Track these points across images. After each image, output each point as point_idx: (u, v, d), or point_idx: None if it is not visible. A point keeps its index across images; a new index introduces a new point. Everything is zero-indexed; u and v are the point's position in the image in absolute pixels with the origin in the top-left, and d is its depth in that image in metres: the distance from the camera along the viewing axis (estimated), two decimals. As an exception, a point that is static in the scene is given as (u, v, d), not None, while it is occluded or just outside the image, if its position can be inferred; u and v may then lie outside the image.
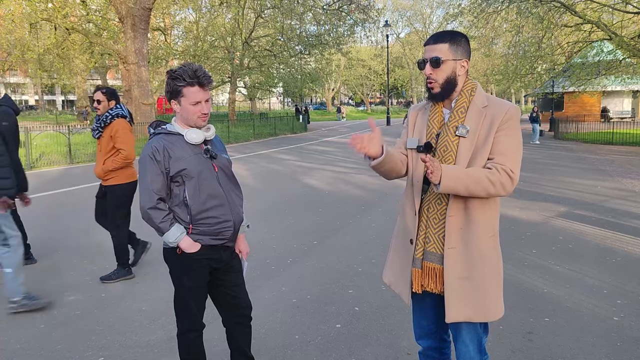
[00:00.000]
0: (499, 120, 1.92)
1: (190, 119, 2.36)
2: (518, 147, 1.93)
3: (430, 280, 2.01)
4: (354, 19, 30.10)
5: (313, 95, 66.83)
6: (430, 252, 2.00)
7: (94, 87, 59.74)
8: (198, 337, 2.52)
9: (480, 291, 1.96)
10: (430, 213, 2.00)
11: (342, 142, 22.11)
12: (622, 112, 36.04)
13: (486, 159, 1.92)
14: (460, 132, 1.94)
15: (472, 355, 2.04)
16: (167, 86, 2.35)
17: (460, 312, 1.96)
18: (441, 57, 1.96)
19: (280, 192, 9.30)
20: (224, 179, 2.45)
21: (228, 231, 2.43)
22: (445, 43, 1.96)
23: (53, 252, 5.55)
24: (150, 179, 2.31)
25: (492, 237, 1.99)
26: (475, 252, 1.94)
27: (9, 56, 29.05)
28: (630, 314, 3.71)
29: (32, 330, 3.60)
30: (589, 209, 7.37)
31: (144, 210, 2.32)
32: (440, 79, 1.97)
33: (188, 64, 2.34)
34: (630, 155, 15.30)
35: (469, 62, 2.01)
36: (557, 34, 24.05)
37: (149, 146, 2.34)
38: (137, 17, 20.26)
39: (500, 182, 1.87)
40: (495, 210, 2.01)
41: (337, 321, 3.66)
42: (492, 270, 1.99)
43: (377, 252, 5.36)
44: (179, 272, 2.44)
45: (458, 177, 1.84)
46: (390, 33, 50.26)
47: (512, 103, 1.98)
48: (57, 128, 16.73)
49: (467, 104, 1.98)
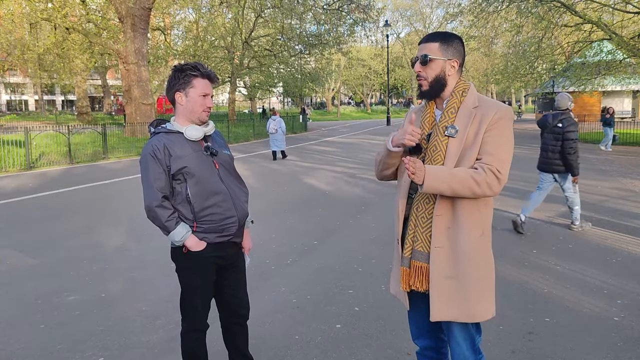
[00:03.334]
0: (488, 121, 1.93)
1: (195, 112, 2.37)
2: (507, 147, 1.94)
3: (417, 279, 2.01)
4: (354, 19, 30.09)
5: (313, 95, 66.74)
6: (418, 251, 2.01)
7: (94, 87, 59.78)
8: (201, 337, 2.52)
9: (464, 291, 1.95)
10: (419, 212, 2.01)
11: (342, 142, 22.11)
12: (622, 112, 36.03)
13: (475, 159, 1.93)
14: (449, 132, 1.96)
15: (466, 354, 2.04)
16: (174, 79, 2.36)
17: (444, 312, 1.96)
18: (430, 55, 1.99)
19: (280, 192, 9.30)
20: (225, 174, 2.46)
21: (233, 227, 2.44)
22: (435, 42, 2.00)
23: (53, 252, 5.55)
24: (154, 177, 2.31)
25: (481, 237, 1.98)
26: (461, 252, 1.94)
27: (9, 56, 29.05)
28: (630, 314, 3.71)
29: (32, 330, 3.60)
30: (589, 209, 7.37)
31: (150, 209, 2.31)
32: (429, 77, 2.01)
33: (196, 62, 2.39)
34: (630, 155, 15.30)
35: (459, 62, 2.02)
36: (557, 33, 24.05)
37: (149, 145, 2.34)
38: (137, 17, 20.25)
39: (486, 182, 1.87)
40: (486, 211, 2.01)
41: (337, 321, 3.66)
42: (479, 271, 1.97)
43: (377, 252, 5.35)
44: (186, 270, 2.44)
45: (441, 177, 1.85)
46: (390, 33, 50.26)
47: (504, 104, 2.00)
48: (57, 128, 16.71)
49: (457, 105, 2.00)
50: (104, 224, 6.85)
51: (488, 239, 2.02)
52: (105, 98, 49.61)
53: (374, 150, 18.03)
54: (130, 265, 5.06)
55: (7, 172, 12.52)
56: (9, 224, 6.90)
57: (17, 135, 15.01)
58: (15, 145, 14.36)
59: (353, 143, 21.58)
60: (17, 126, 22.27)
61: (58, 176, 11.92)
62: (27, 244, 5.87)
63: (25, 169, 13.12)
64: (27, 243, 5.90)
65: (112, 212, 7.67)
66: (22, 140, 13.79)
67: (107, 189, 9.93)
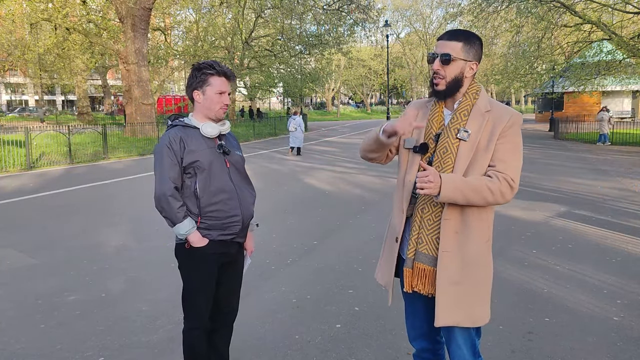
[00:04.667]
0: (501, 127, 1.91)
1: (212, 109, 2.42)
2: (519, 155, 1.92)
3: (420, 282, 1.99)
4: (353, 19, 30.10)
5: (313, 95, 66.73)
6: (422, 253, 1.98)
7: (94, 87, 59.77)
8: (202, 335, 2.53)
9: (470, 296, 1.94)
10: (424, 214, 1.98)
11: (342, 142, 22.11)
12: (622, 112, 36.03)
13: (486, 165, 1.91)
14: (462, 135, 1.92)
15: (467, 358, 2.03)
16: (192, 77, 2.43)
17: (449, 317, 1.94)
18: (452, 54, 1.93)
19: (280, 192, 9.30)
20: (235, 174, 2.50)
21: (236, 225, 2.45)
22: (459, 42, 1.94)
23: (53, 252, 5.55)
24: (168, 167, 2.36)
25: (487, 242, 1.98)
26: (468, 257, 1.93)
27: (10, 56, 29.04)
28: (630, 314, 3.71)
29: (32, 330, 3.60)
30: (589, 209, 7.37)
31: (163, 198, 2.33)
32: (448, 77, 1.95)
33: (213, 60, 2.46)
34: (630, 155, 15.30)
35: (478, 65, 1.98)
36: (557, 34, 24.05)
37: (166, 136, 2.40)
38: (137, 17, 20.26)
39: (500, 191, 1.86)
40: (491, 215, 2.00)
41: (337, 321, 3.66)
42: (484, 276, 1.97)
43: (377, 252, 5.34)
44: (189, 268, 2.46)
45: (457, 187, 1.82)
46: (390, 33, 50.25)
47: (514, 109, 1.98)
48: (57, 128, 16.71)
49: (470, 107, 1.96)
50: (104, 224, 6.86)
51: (491, 244, 2.02)
52: (105, 98, 49.64)
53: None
54: (130, 265, 5.06)
55: (7, 172, 12.52)
56: (9, 224, 6.90)
57: (17, 135, 15.02)
58: (16, 145, 14.36)
59: (353, 143, 21.58)
60: (18, 126, 22.29)
61: (58, 176, 11.92)
62: (27, 244, 5.87)
63: (26, 169, 13.12)
64: (27, 243, 5.90)
65: (112, 212, 7.67)
66: (23, 140, 13.79)
67: (107, 189, 9.93)
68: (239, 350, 3.17)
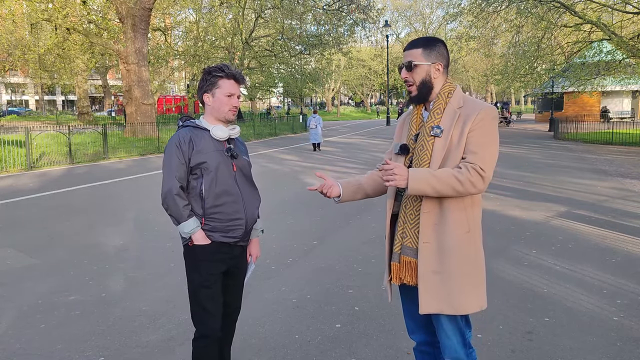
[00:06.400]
0: (471, 120, 2.00)
1: (222, 111, 2.46)
2: (491, 146, 1.99)
3: (407, 273, 2.10)
4: (353, 19, 30.11)
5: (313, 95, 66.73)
6: (407, 247, 2.10)
7: (94, 87, 59.81)
8: (209, 345, 2.44)
9: (450, 285, 2.02)
10: (407, 209, 2.09)
11: (342, 142, 22.11)
12: (622, 112, 36.03)
13: (460, 158, 2.00)
14: (435, 132, 2.03)
15: (456, 347, 2.08)
16: (202, 81, 2.47)
17: (432, 305, 2.03)
18: (414, 60, 2.08)
19: (280, 192, 9.30)
20: (241, 179, 2.51)
21: (239, 229, 2.46)
22: (418, 48, 2.09)
23: (53, 252, 5.55)
24: (175, 167, 2.39)
25: (467, 234, 2.04)
26: (447, 248, 2.01)
27: (10, 56, 29.05)
28: (630, 314, 3.71)
29: (32, 330, 3.60)
30: (589, 209, 7.38)
31: (170, 196, 2.36)
32: (416, 82, 2.09)
33: (223, 63, 2.51)
34: (630, 155, 15.30)
35: (444, 65, 2.10)
36: (557, 34, 24.05)
37: (177, 135, 2.43)
38: (137, 17, 20.26)
39: (470, 181, 1.93)
40: (473, 209, 2.07)
41: (337, 321, 3.66)
42: (465, 266, 2.04)
43: (377, 252, 5.36)
44: (196, 272, 2.44)
45: (423, 178, 1.92)
46: (390, 33, 50.24)
47: (488, 104, 2.07)
48: (58, 128, 16.72)
49: (443, 106, 2.08)
50: (104, 224, 6.86)
51: (475, 236, 2.07)
52: (105, 98, 49.65)
53: (374, 150, 18.05)
54: (130, 265, 5.07)
55: (7, 172, 12.53)
56: (9, 224, 6.90)
57: (17, 136, 15.03)
58: (16, 145, 14.37)
59: (353, 143, 21.59)
60: (18, 126, 22.29)
61: (58, 176, 11.93)
62: (27, 244, 5.88)
63: (26, 169, 13.13)
64: (27, 243, 5.91)
65: (112, 212, 7.68)
66: (23, 140, 13.80)
67: (107, 189, 9.94)
68: (239, 350, 3.17)
